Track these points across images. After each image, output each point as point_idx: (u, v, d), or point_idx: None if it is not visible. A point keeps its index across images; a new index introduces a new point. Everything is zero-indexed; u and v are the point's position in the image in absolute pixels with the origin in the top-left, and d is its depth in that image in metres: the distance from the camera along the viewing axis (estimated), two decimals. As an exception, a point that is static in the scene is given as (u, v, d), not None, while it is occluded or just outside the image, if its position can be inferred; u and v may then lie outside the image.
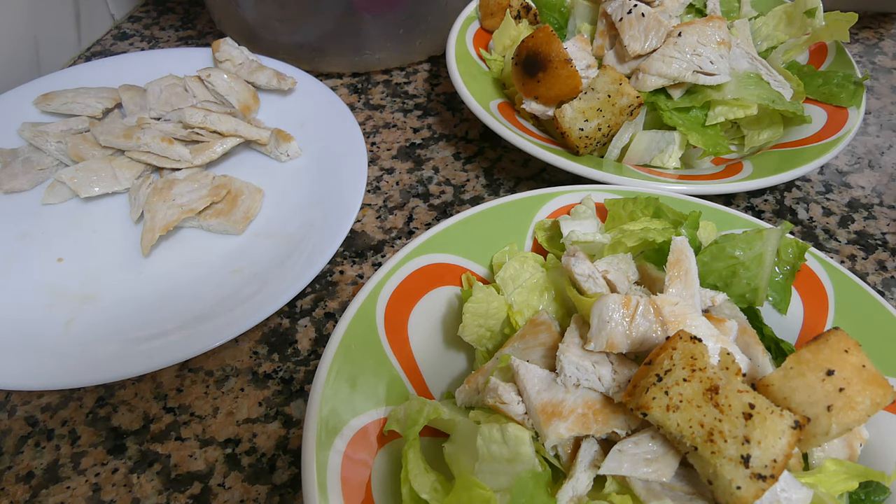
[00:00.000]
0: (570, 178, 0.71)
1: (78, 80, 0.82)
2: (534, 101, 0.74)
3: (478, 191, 0.77)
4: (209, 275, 0.63)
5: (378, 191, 0.77)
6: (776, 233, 0.53)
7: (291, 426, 0.54)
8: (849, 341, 0.38)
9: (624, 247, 0.53)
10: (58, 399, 0.56)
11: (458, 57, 0.82)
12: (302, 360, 0.59)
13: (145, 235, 0.64)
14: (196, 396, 0.56)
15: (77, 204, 0.71)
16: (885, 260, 0.71)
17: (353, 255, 0.69)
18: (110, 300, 0.61)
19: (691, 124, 0.71)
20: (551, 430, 0.39)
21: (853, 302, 0.54)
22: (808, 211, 0.76)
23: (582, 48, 0.76)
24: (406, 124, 0.87)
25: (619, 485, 0.38)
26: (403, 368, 0.50)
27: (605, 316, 0.42)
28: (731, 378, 0.37)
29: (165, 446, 0.53)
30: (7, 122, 0.77)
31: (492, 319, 0.51)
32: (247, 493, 0.50)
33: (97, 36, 1.05)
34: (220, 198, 0.68)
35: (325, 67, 0.94)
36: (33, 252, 0.65)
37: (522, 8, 0.86)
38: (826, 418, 0.37)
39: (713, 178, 0.69)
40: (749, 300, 0.53)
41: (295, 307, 0.64)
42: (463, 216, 0.58)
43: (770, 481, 0.34)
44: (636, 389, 0.37)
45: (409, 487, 0.41)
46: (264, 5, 0.87)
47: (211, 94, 0.81)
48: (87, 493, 0.50)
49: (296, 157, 0.77)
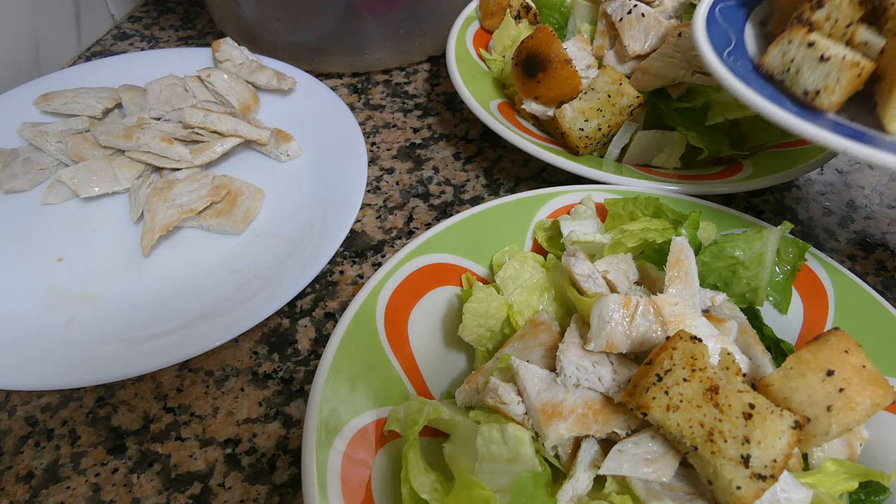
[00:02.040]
0: (570, 178, 0.71)
1: (78, 80, 0.82)
2: (534, 102, 0.74)
3: (478, 191, 0.77)
4: (209, 275, 0.63)
5: (378, 191, 0.77)
6: (776, 233, 0.53)
7: (291, 426, 0.54)
8: (849, 341, 0.39)
9: (624, 247, 0.53)
10: (58, 399, 0.56)
11: (458, 57, 0.82)
12: (302, 360, 0.59)
13: (145, 235, 0.64)
14: (196, 396, 0.56)
15: (77, 204, 0.71)
16: (885, 260, 0.71)
17: (353, 255, 0.69)
18: (110, 300, 0.61)
19: (691, 124, 0.71)
20: (551, 430, 0.39)
21: (853, 302, 0.54)
22: (808, 211, 0.76)
23: (582, 48, 0.76)
24: (406, 124, 0.87)
25: (619, 485, 0.38)
26: (403, 368, 0.50)
27: (605, 316, 0.42)
28: (731, 378, 0.37)
29: (165, 446, 0.53)
30: (7, 122, 0.77)
31: (492, 319, 0.51)
32: (247, 493, 0.50)
33: (97, 36, 1.05)
34: (220, 198, 0.68)
35: (325, 67, 0.94)
36: (33, 252, 0.65)
37: (522, 8, 0.86)
38: (826, 418, 0.37)
39: (713, 178, 0.69)
40: (749, 300, 0.53)
41: (295, 307, 0.64)
42: (463, 216, 0.58)
43: (770, 481, 0.34)
44: (636, 389, 0.37)
45: (409, 487, 0.41)
46: (264, 5, 0.87)
47: (211, 94, 0.81)
48: (87, 493, 0.50)
49: (296, 157, 0.77)
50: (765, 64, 0.55)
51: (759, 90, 0.52)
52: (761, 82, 0.55)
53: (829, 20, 0.55)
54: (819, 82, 0.52)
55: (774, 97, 0.52)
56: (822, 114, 0.53)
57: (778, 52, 0.54)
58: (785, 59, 0.54)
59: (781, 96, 0.54)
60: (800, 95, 0.53)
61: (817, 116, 0.52)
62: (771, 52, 0.55)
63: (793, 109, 0.51)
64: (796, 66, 0.53)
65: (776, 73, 0.55)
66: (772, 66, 0.55)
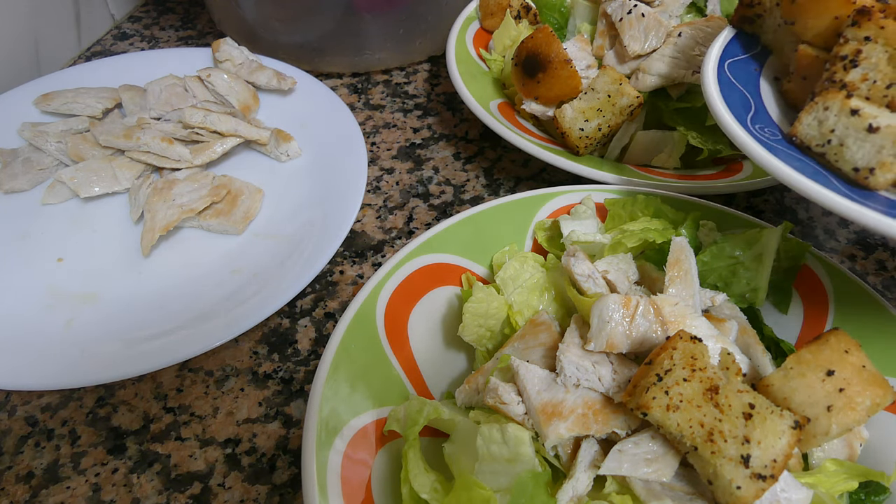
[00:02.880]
0: (570, 178, 0.71)
1: (78, 80, 0.82)
2: (534, 102, 0.74)
3: (478, 191, 0.77)
4: (209, 275, 0.63)
5: (378, 191, 0.77)
6: (776, 233, 0.53)
7: (291, 426, 0.54)
8: (849, 342, 0.39)
9: (624, 247, 0.53)
10: (58, 399, 0.56)
11: (458, 57, 0.82)
12: (302, 360, 0.59)
13: (145, 235, 0.64)
14: (196, 396, 0.56)
15: (77, 204, 0.71)
16: (885, 260, 0.71)
17: (353, 255, 0.69)
18: (110, 300, 0.61)
19: (691, 124, 0.71)
20: (551, 430, 0.39)
21: (853, 302, 0.54)
22: (808, 211, 0.76)
23: (582, 48, 0.76)
24: (406, 124, 0.87)
25: (619, 485, 0.38)
26: (403, 368, 0.50)
27: (605, 316, 0.42)
28: (731, 378, 0.37)
29: (165, 446, 0.53)
30: (7, 122, 0.77)
31: (492, 319, 0.51)
32: (247, 493, 0.50)
33: (97, 36, 1.05)
34: (220, 198, 0.68)
35: (325, 67, 0.94)
36: (33, 252, 0.65)
37: (522, 8, 0.86)
38: (826, 418, 0.37)
39: (713, 178, 0.69)
40: (749, 300, 0.53)
41: (295, 307, 0.64)
42: (463, 216, 0.58)
43: (770, 481, 0.34)
44: (636, 389, 0.37)
45: (409, 487, 0.41)
46: (264, 5, 0.87)
47: (211, 94, 0.81)
48: (87, 493, 0.50)
49: (296, 157, 0.77)
50: (798, 133, 0.48)
51: (798, 167, 0.44)
52: (798, 156, 0.47)
53: (867, 81, 0.47)
54: (870, 158, 0.44)
55: (819, 177, 0.44)
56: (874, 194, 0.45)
57: (813, 121, 0.47)
58: (823, 129, 0.46)
59: (826, 174, 0.46)
60: (849, 172, 0.45)
61: (871, 197, 0.44)
62: (804, 119, 0.47)
63: (843, 191, 0.43)
64: (839, 137, 0.45)
65: (815, 146, 0.47)
66: (807, 136, 0.47)
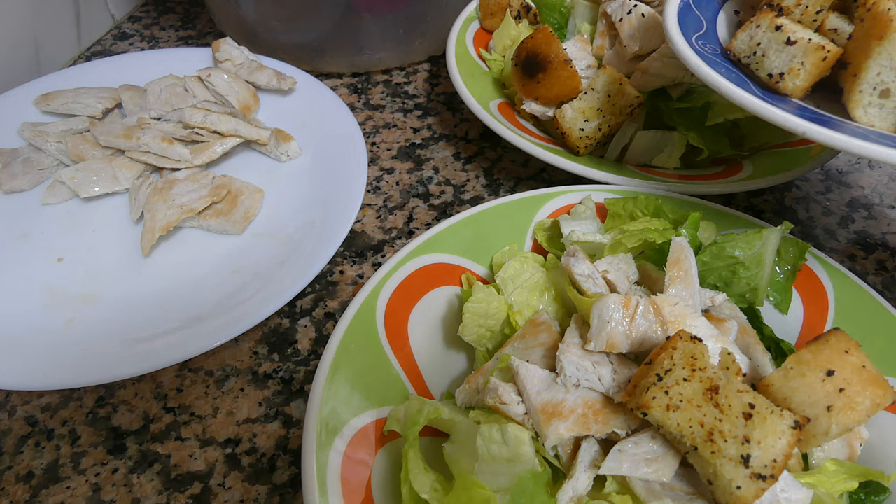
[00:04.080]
0: (570, 178, 0.71)
1: (78, 80, 0.82)
2: (534, 102, 0.74)
3: (478, 191, 0.77)
4: (209, 275, 0.63)
5: (378, 191, 0.77)
6: (776, 233, 0.53)
7: (291, 426, 0.54)
8: (849, 342, 0.39)
9: (624, 247, 0.53)
10: (58, 399, 0.56)
11: (458, 57, 0.82)
12: (302, 360, 0.59)
13: (145, 235, 0.64)
14: (196, 396, 0.56)
15: (77, 204, 0.71)
16: (884, 260, 0.71)
17: (353, 255, 0.69)
18: (110, 300, 0.61)
19: (691, 124, 0.71)
20: (551, 430, 0.39)
21: (853, 302, 0.54)
22: (808, 211, 0.76)
23: (582, 48, 0.76)
24: (406, 124, 0.87)
25: (619, 485, 0.38)
26: (403, 368, 0.50)
27: (605, 316, 0.42)
28: (731, 378, 0.37)
29: (165, 446, 0.53)
30: (7, 122, 0.77)
31: (492, 319, 0.51)
32: (247, 493, 0.50)
33: (97, 36, 1.05)
34: (220, 198, 0.68)
35: (325, 67, 0.94)
36: (33, 252, 0.65)
37: (522, 8, 0.86)
38: (826, 418, 0.37)
39: (713, 178, 0.69)
40: (749, 300, 0.53)
41: (295, 307, 0.64)
42: (463, 216, 0.58)
43: (770, 481, 0.34)
44: (636, 389, 0.37)
45: (409, 487, 0.41)
46: (264, 5, 0.87)
47: (211, 94, 0.81)
48: (87, 493, 0.50)
49: (296, 157, 0.77)
50: (732, 48, 0.56)
51: (724, 73, 0.52)
52: (728, 66, 0.54)
53: (800, 6, 0.55)
54: (784, 65, 0.52)
55: (739, 81, 0.52)
56: (786, 98, 0.53)
57: (745, 36, 0.54)
58: (752, 42, 0.54)
59: (747, 80, 0.53)
60: (764, 78, 0.54)
61: (781, 100, 0.52)
62: (739, 35, 0.55)
63: (756, 93, 0.50)
64: (762, 49, 0.53)
65: (743, 57, 0.55)
66: (739, 49, 0.55)
